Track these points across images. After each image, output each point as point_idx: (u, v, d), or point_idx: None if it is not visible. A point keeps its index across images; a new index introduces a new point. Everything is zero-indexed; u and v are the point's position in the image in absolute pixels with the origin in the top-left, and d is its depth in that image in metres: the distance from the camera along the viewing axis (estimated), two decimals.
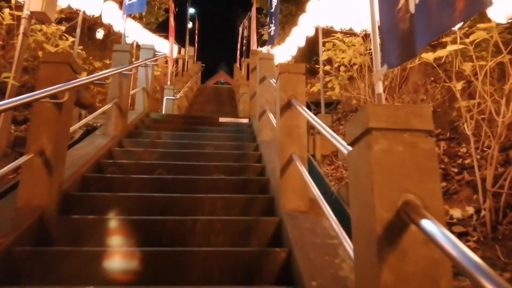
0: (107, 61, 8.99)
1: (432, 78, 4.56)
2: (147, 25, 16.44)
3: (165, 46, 15.25)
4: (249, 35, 13.62)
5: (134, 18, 13.18)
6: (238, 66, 16.15)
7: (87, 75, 3.99)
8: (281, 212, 2.52)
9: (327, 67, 5.54)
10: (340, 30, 5.35)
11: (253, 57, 6.01)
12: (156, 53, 6.24)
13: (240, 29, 16.51)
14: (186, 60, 15.30)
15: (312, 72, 13.18)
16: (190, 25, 18.01)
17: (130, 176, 3.12)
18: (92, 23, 11.09)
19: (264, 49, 13.37)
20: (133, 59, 5.42)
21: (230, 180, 3.19)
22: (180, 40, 17.16)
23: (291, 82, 2.81)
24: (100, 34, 10.53)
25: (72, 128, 3.69)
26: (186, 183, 3.07)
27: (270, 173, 3.23)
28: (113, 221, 2.36)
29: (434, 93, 4.20)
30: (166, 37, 16.40)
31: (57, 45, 5.91)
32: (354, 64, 5.15)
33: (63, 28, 5.82)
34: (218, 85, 18.24)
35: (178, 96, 8.18)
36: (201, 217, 2.49)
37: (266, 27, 13.40)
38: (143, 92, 5.71)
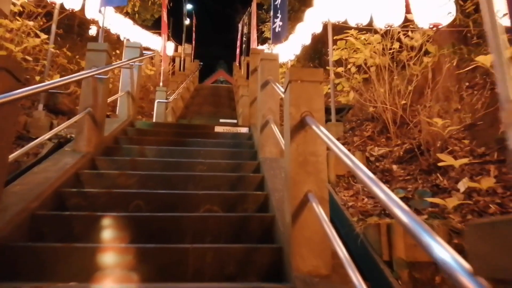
0: None
1: (468, 84, 3.85)
2: (143, 22, 15.75)
3: (160, 44, 14.54)
4: (249, 32, 12.88)
5: (126, 14, 12.47)
6: (238, 65, 15.41)
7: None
8: (293, 277, 1.81)
9: (340, 69, 4.81)
10: (356, 26, 4.62)
11: (254, 57, 5.29)
12: (144, 52, 5.52)
13: (240, 26, 15.76)
14: (182, 58, 14.56)
15: None
16: (187, 21, 17.28)
17: (94, 214, 2.40)
18: (83, 20, 10.39)
19: (265, 47, 12.62)
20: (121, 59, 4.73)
21: (224, 218, 2.47)
22: (176, 38, 16.44)
23: (306, 93, 2.11)
24: (93, 31, 9.78)
25: (38, 141, 2.99)
26: (168, 224, 2.36)
27: (276, 208, 2.52)
28: None
29: (471, 101, 3.48)
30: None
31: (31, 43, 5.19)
32: (370, 65, 4.42)
33: (31, 23, 5.07)
34: (216, 85, 17.50)
35: (171, 98, 7.45)
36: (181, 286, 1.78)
37: (267, 23, 12.66)
38: (127, 97, 4.99)
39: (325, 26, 5.96)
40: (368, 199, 3.04)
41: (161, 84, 8.02)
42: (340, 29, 6.36)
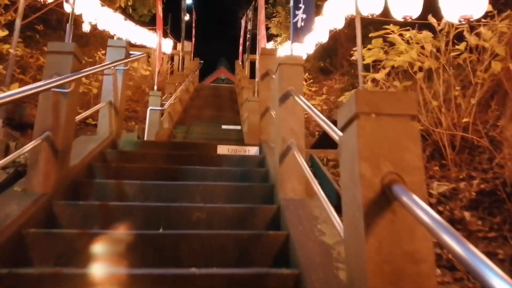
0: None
1: None
2: (140, 18, 14.75)
3: (164, 45, 13.55)
4: (253, 29, 11.90)
5: (121, 9, 11.49)
6: (240, 63, 14.42)
7: None
8: None
9: (380, 75, 3.83)
10: (402, 20, 3.63)
11: (265, 59, 4.32)
12: (132, 53, 4.55)
13: (243, 21, 14.76)
14: (181, 56, 13.58)
15: (324, 72, 11.49)
16: (187, 17, 16.28)
17: None
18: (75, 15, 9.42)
19: (270, 46, 11.63)
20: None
21: None
22: (175, 34, 15.45)
23: (389, 138, 1.16)
24: (86, 27, 8.76)
25: None
26: None
27: None
28: None
29: None
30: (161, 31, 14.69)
31: None
32: (416, 70, 3.44)
33: None
34: (218, 84, 16.52)
35: (166, 105, 6.49)
36: None
37: (273, 19, 11.66)
38: (109, 108, 4.02)
39: (351, 21, 5.01)
40: None
41: (155, 87, 7.04)
42: (369, 24, 5.38)
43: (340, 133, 1.38)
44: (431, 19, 3.33)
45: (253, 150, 3.95)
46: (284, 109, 2.85)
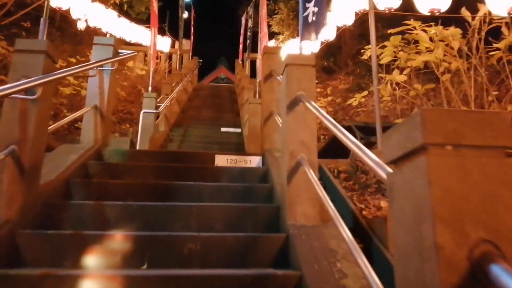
0: (73, 59, 6.88)
1: None
2: (138, 15, 14.31)
3: (158, 41, 13.10)
4: (254, 26, 11.46)
5: (116, 6, 11.05)
6: (241, 62, 13.99)
7: None
8: None
9: (401, 77, 3.40)
10: (429, 13, 3.19)
11: (268, 58, 3.89)
12: (121, 51, 4.12)
13: (243, 19, 14.31)
14: (179, 55, 13.15)
15: (328, 71, 11.03)
16: (185, 15, 15.83)
17: None
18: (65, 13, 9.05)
19: (271, 44, 11.18)
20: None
21: None
22: (174, 32, 15.02)
23: (484, 191, 0.72)
24: (81, 24, 8.31)
25: None
26: None
27: None
28: None
29: None
30: (159, 29, 14.23)
31: None
32: (442, 71, 3.02)
33: None
34: (217, 84, 16.07)
35: (161, 108, 6.06)
36: None
37: (275, 16, 11.22)
38: (94, 114, 3.60)
39: (362, 18, 4.58)
40: None
41: (149, 89, 6.61)
42: (384, 19, 5.00)
43: (389, 169, 0.96)
44: (465, 12, 2.91)
45: (255, 161, 3.53)
46: (292, 117, 2.43)
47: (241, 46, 14.39)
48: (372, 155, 1.20)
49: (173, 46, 14.34)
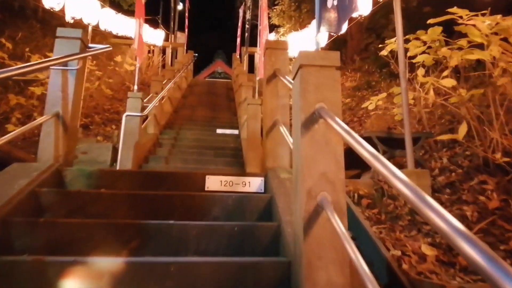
0: (33, 56, 6.11)
1: None
2: (129, 7, 13.49)
3: (150, 34, 12.32)
4: (252, 19, 10.70)
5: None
6: (238, 57, 13.23)
7: None
8: None
9: (449, 81, 2.69)
10: None
11: (271, 55, 3.17)
12: (93, 45, 3.40)
13: (241, 11, 13.51)
14: (170, 48, 12.39)
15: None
16: (179, 6, 15.04)
17: None
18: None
19: (271, 38, 10.41)
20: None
21: None
22: (167, 25, 14.24)
23: None
24: (68, 17, 7.48)
25: None
26: None
27: None
28: None
29: None
30: (152, 22, 13.44)
31: None
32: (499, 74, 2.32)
33: None
34: (213, 79, 15.28)
35: (147, 110, 5.32)
36: None
37: (275, 8, 10.45)
38: (55, 123, 2.89)
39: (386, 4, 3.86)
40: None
41: (135, 88, 5.87)
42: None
43: None
44: None
45: (255, 184, 2.82)
46: (310, 140, 1.72)
47: (238, 40, 13.62)
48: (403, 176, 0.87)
49: (167, 39, 13.59)
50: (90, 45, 3.37)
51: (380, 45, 4.41)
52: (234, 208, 2.44)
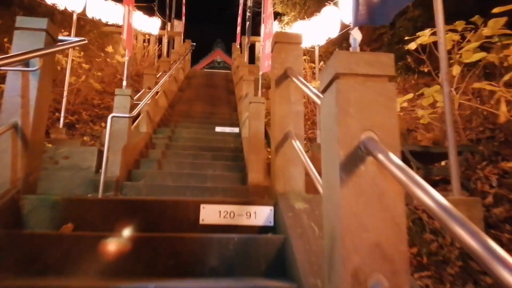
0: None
1: None
2: None
3: (145, 22, 11.61)
4: (253, 6, 10.00)
5: None
6: (238, 46, 12.55)
7: None
8: None
9: None
10: None
11: (282, 50, 2.56)
12: (64, 38, 2.78)
13: None
14: (166, 37, 11.74)
15: None
16: None
17: None
18: None
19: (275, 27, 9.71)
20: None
21: None
22: (163, 13, 13.50)
23: None
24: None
25: None
26: None
27: None
28: None
29: None
30: (147, 9, 12.68)
31: None
32: None
33: None
34: (212, 70, 14.56)
35: (136, 111, 4.71)
36: None
37: None
38: (12, 137, 2.30)
39: None
40: None
41: (124, 83, 5.25)
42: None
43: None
44: None
45: (263, 214, 2.24)
46: (353, 190, 1.13)
47: (238, 28, 12.92)
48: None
49: (163, 28, 12.88)
50: (60, 37, 2.76)
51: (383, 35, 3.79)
52: (236, 255, 1.86)
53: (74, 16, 5.92)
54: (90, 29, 9.46)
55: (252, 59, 12.44)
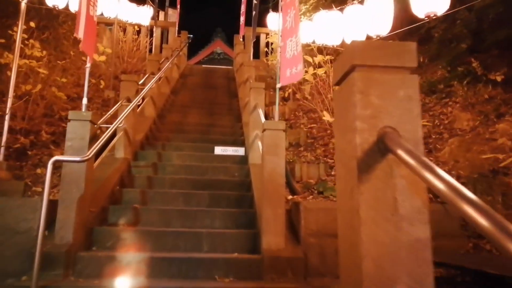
0: None
1: None
2: None
3: (134, 11, 9.98)
4: None
5: None
6: (241, 39, 10.95)
7: None
8: None
9: None
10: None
11: (370, 85, 1.08)
12: None
13: None
14: (155, 29, 10.17)
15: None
16: None
17: None
18: None
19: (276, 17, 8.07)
20: None
21: None
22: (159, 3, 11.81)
23: None
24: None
25: None
26: None
27: None
28: None
29: None
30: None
31: None
32: None
33: None
34: (211, 66, 12.94)
35: (92, 152, 3.13)
36: None
37: None
38: None
39: None
40: None
41: (84, 102, 3.67)
42: None
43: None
44: None
45: None
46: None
47: (242, 18, 11.29)
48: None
49: (156, 17, 11.23)
50: None
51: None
52: None
53: (23, 5, 4.33)
54: (64, 19, 7.85)
55: (257, 53, 10.84)
